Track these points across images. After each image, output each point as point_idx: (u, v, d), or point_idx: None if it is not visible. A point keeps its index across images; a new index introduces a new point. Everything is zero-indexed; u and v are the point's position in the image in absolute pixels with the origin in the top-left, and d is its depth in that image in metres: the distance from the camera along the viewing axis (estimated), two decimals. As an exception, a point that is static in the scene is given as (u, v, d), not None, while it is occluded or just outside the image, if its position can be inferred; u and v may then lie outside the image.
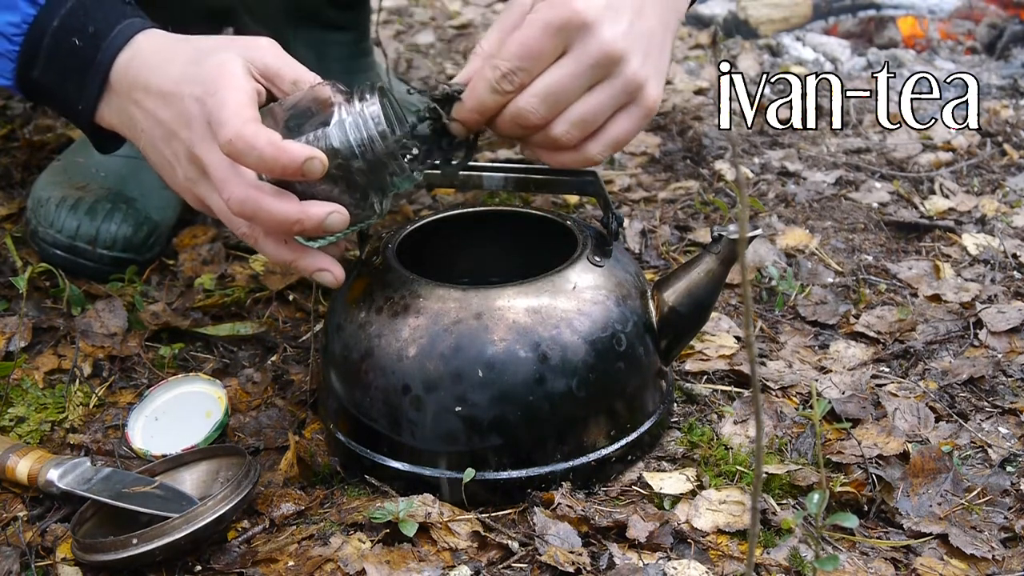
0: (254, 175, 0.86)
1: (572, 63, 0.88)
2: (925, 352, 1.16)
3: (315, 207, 0.85)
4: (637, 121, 0.93)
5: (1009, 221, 1.44)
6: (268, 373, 1.14)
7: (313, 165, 0.82)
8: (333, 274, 0.91)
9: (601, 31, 0.87)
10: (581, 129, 0.91)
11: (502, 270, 1.11)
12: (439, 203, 1.51)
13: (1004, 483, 0.96)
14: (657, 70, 0.92)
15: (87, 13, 0.94)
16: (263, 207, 0.84)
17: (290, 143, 0.82)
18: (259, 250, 0.91)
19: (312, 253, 0.90)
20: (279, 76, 0.90)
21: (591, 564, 0.87)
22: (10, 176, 1.50)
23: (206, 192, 0.90)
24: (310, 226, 0.85)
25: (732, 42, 2.24)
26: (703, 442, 1.01)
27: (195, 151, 0.87)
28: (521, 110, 0.89)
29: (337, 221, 0.85)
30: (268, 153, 0.81)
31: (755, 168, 1.62)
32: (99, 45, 0.93)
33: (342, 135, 0.85)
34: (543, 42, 0.87)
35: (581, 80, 0.89)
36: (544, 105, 0.89)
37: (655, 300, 0.99)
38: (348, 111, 0.86)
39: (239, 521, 0.93)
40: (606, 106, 0.91)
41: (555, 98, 0.89)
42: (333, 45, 1.58)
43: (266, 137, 0.82)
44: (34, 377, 1.12)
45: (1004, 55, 2.15)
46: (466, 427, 0.90)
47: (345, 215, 0.86)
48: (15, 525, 0.93)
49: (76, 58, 0.94)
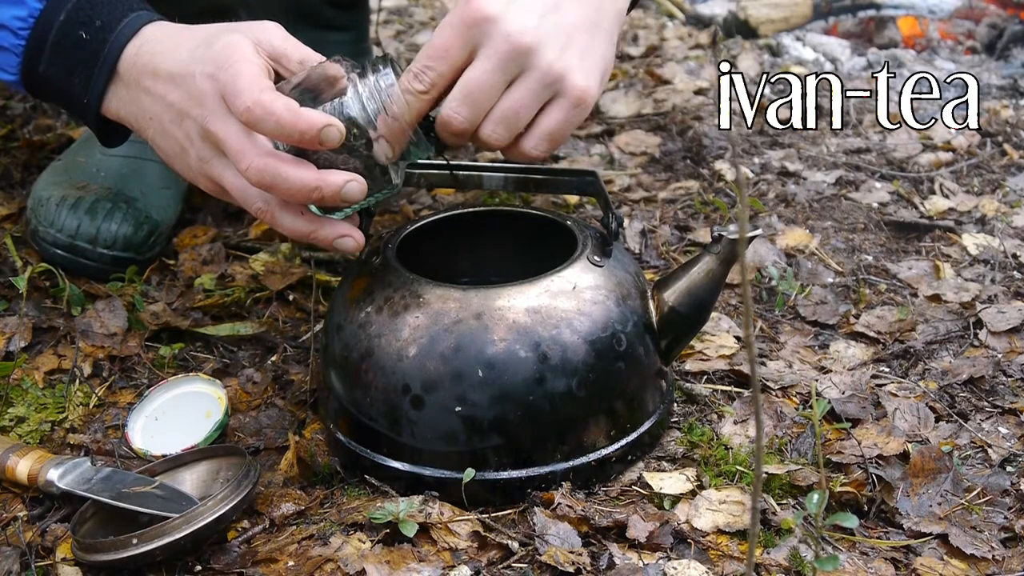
0: (270, 145, 0.86)
1: (483, 60, 0.88)
2: (925, 352, 1.16)
3: (333, 175, 0.85)
4: (567, 112, 0.92)
5: (1009, 221, 1.44)
6: (268, 373, 1.14)
7: (331, 132, 0.82)
8: (354, 239, 0.91)
9: (506, 24, 0.87)
10: (507, 127, 0.91)
11: (502, 270, 1.11)
12: (439, 203, 1.51)
13: (1004, 483, 0.96)
14: (581, 62, 0.91)
15: (94, 7, 0.94)
16: (281, 174, 0.84)
17: (308, 110, 0.83)
18: (275, 225, 0.90)
19: (330, 222, 0.90)
20: (286, 56, 0.90)
21: (591, 564, 0.87)
22: (10, 176, 1.50)
23: (220, 169, 0.90)
24: (328, 193, 0.85)
25: (732, 42, 2.24)
26: (703, 442, 1.01)
27: (209, 127, 0.87)
28: (446, 117, 0.90)
29: (355, 190, 0.86)
30: (286, 119, 0.82)
31: (755, 168, 1.62)
32: (106, 38, 0.93)
33: (358, 105, 0.86)
34: (449, 39, 0.88)
35: (495, 77, 0.89)
36: (465, 107, 0.90)
37: (655, 300, 0.99)
38: (363, 83, 0.87)
39: (239, 521, 0.93)
40: (527, 100, 0.90)
41: (473, 98, 0.89)
42: (332, 45, 1.58)
43: (284, 103, 0.82)
44: (34, 377, 1.12)
45: (1004, 55, 2.15)
46: (466, 427, 0.90)
47: (363, 184, 0.86)
48: (15, 525, 0.93)
49: (83, 51, 0.94)
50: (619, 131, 1.75)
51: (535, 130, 0.93)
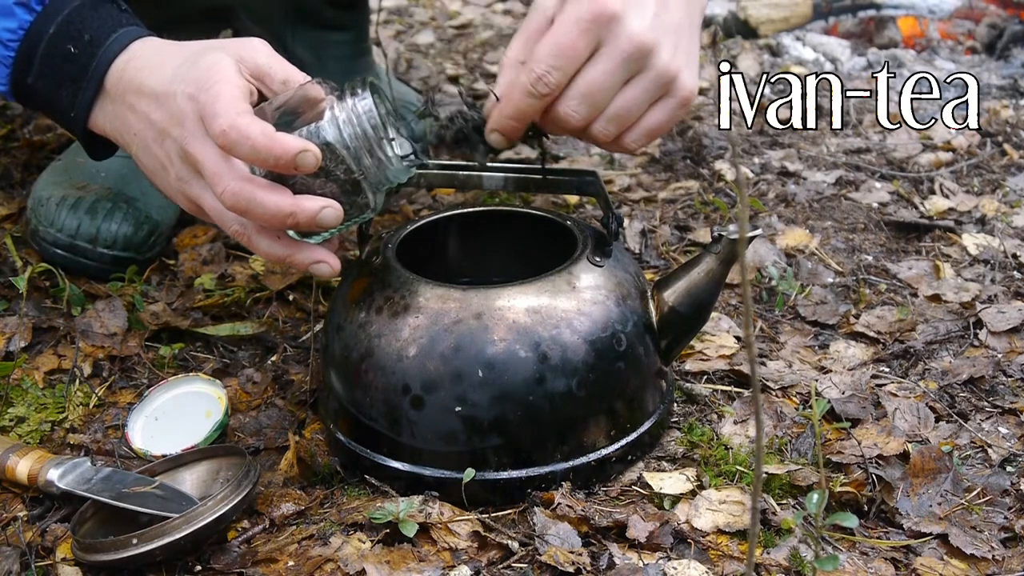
0: (247, 169, 0.86)
1: (606, 60, 0.89)
2: (925, 352, 1.16)
3: (309, 201, 0.85)
4: (672, 112, 0.94)
5: (1009, 221, 1.44)
6: (268, 373, 1.14)
7: (306, 158, 0.82)
8: (330, 265, 0.91)
9: (630, 23, 0.88)
10: (618, 124, 0.93)
11: (502, 270, 1.11)
12: (439, 203, 1.51)
13: (1004, 483, 0.96)
14: (688, 61, 0.93)
15: (83, 21, 0.94)
16: (256, 199, 0.84)
17: (284, 135, 0.83)
18: (252, 248, 0.91)
19: (307, 247, 0.90)
20: (269, 76, 0.90)
21: (591, 564, 0.87)
22: (10, 176, 1.50)
23: (199, 191, 0.90)
24: (303, 219, 0.85)
25: (732, 42, 2.24)
26: (703, 442, 1.01)
27: (188, 148, 0.87)
28: (563, 114, 0.91)
29: (331, 216, 0.85)
30: (261, 143, 0.81)
31: (755, 168, 1.62)
32: (95, 52, 0.93)
33: (335, 130, 0.85)
34: (576, 39, 0.88)
35: (616, 77, 0.90)
36: (584, 107, 0.91)
37: (655, 300, 0.99)
38: (340, 107, 0.86)
39: (239, 521, 0.93)
40: (642, 100, 0.92)
41: (593, 98, 0.90)
42: (332, 45, 1.58)
43: (260, 128, 0.82)
44: (34, 377, 1.12)
45: (1004, 55, 2.15)
46: (466, 427, 0.90)
47: (339, 210, 0.86)
48: (15, 525, 0.93)
49: (71, 65, 0.94)
50: (619, 131, 1.75)
51: (640, 126, 0.94)
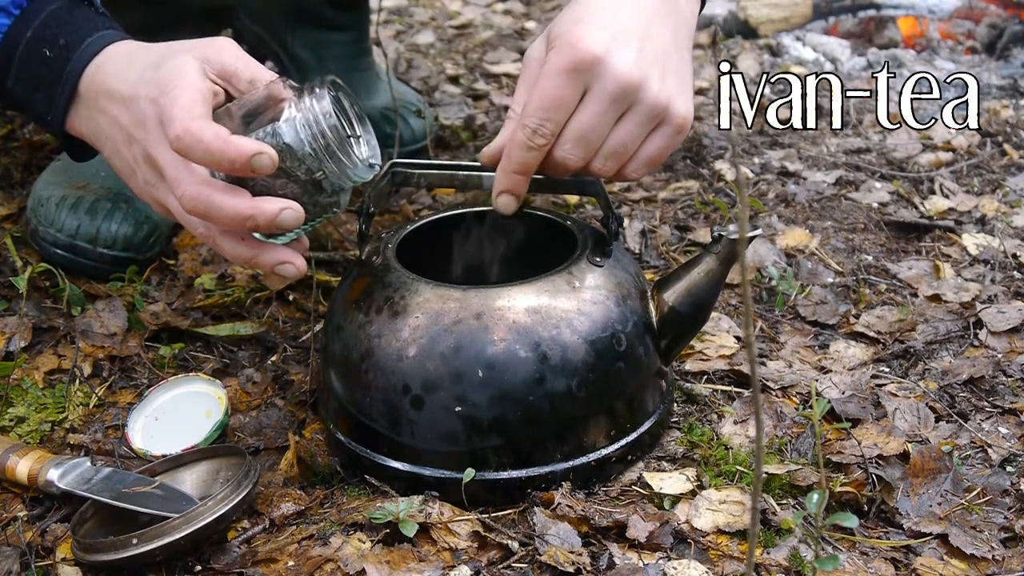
0: (207, 173, 0.86)
1: (594, 103, 0.90)
2: (925, 352, 1.16)
3: (268, 203, 0.85)
4: (668, 139, 0.95)
5: (1009, 221, 1.44)
6: (268, 373, 1.14)
7: (262, 160, 0.82)
8: (295, 266, 0.90)
9: (614, 63, 0.88)
10: (617, 160, 0.94)
11: (502, 270, 1.11)
12: (439, 203, 1.51)
13: (1004, 483, 0.96)
14: (679, 87, 0.94)
15: (59, 25, 0.94)
16: (215, 203, 0.84)
17: (238, 138, 0.82)
18: (217, 250, 0.90)
19: (271, 248, 0.90)
20: (236, 75, 0.90)
21: (591, 564, 0.87)
22: (10, 176, 1.50)
23: (163, 194, 0.90)
24: (263, 222, 0.85)
25: (732, 42, 2.24)
26: (703, 442, 1.01)
27: (150, 152, 0.88)
28: (560, 159, 0.92)
29: (291, 217, 0.85)
30: (215, 147, 0.81)
31: (755, 168, 1.62)
32: (69, 57, 0.93)
33: (292, 131, 0.85)
34: (562, 89, 0.89)
35: (607, 117, 0.91)
36: (579, 149, 0.92)
37: (655, 300, 0.99)
38: (299, 107, 0.86)
39: (239, 521, 0.93)
40: (636, 134, 0.93)
41: (587, 140, 0.91)
42: (332, 45, 1.58)
43: (213, 132, 0.82)
44: (34, 377, 1.12)
45: (1004, 55, 2.15)
46: (466, 427, 0.90)
47: (299, 211, 0.86)
48: (15, 525, 0.93)
49: (47, 69, 0.94)
50: (619, 131, 1.75)
51: (638, 157, 0.95)
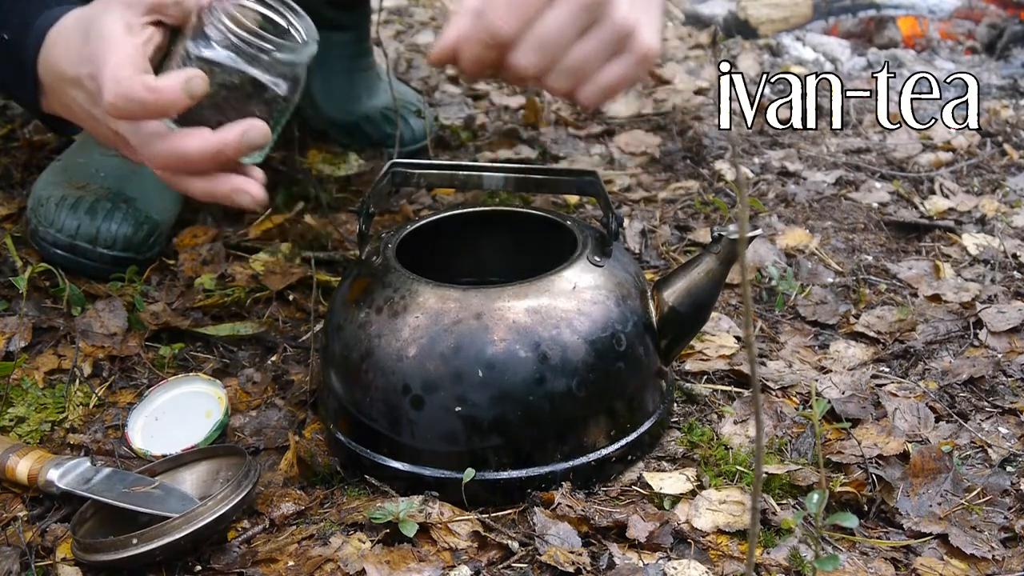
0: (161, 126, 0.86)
1: (559, 9, 0.87)
2: (925, 352, 1.16)
3: (229, 132, 0.84)
4: (629, 68, 0.92)
5: (1009, 221, 1.44)
6: (268, 373, 1.14)
7: (192, 85, 0.82)
8: (250, 194, 0.89)
9: None
10: (574, 78, 0.91)
11: (502, 270, 1.11)
12: (439, 203, 1.51)
13: (1004, 483, 0.96)
14: (648, 18, 0.91)
15: (11, 9, 0.94)
16: (182, 154, 0.84)
17: (163, 78, 0.82)
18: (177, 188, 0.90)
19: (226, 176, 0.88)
20: (163, 4, 0.88)
21: (591, 564, 0.87)
22: (10, 176, 1.50)
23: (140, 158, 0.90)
24: (232, 150, 0.84)
25: (732, 42, 2.24)
26: (703, 442, 1.01)
27: (110, 126, 0.88)
28: (519, 66, 0.89)
29: (255, 134, 0.85)
30: (148, 99, 0.81)
31: (755, 168, 1.62)
32: (23, 41, 0.93)
33: (204, 44, 0.85)
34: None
35: (573, 26, 0.88)
36: (538, 58, 0.89)
37: (655, 300, 0.99)
38: (209, 20, 0.85)
39: (239, 521, 0.93)
40: (598, 52, 0.90)
41: (549, 49, 0.89)
42: (333, 45, 1.58)
43: (140, 84, 0.81)
44: (34, 377, 1.12)
45: (1004, 55, 2.15)
46: (466, 427, 0.90)
47: (260, 126, 0.85)
48: (15, 525, 0.93)
49: (8, 56, 0.95)
50: (619, 131, 1.75)
51: (596, 80, 0.92)
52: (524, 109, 1.83)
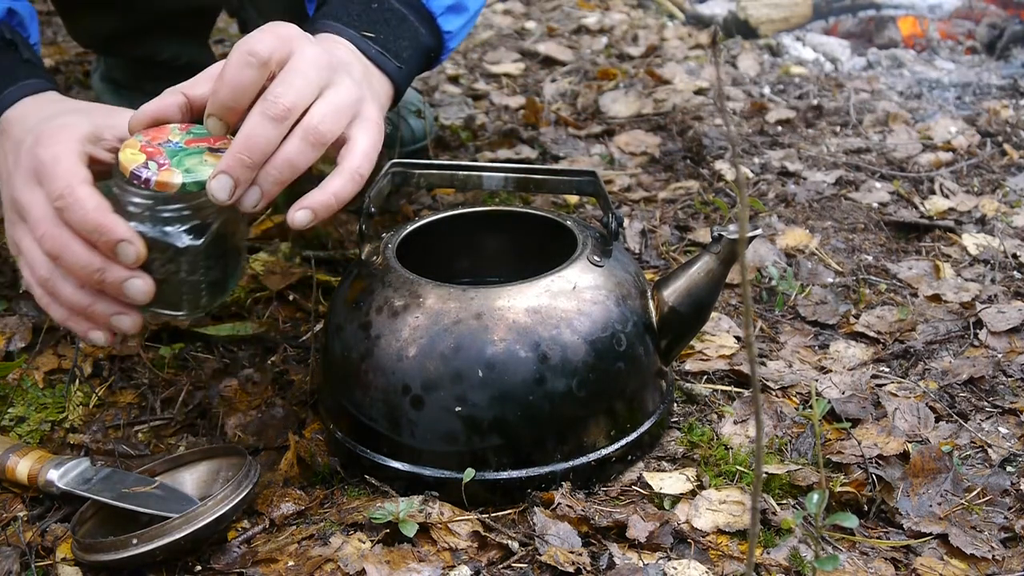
0: None
1: None
2: (925, 352, 1.16)
3: (120, 269, 0.83)
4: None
5: (1009, 221, 1.44)
6: (268, 373, 1.14)
7: (125, 249, 0.82)
8: (130, 318, 0.88)
9: None
10: None
11: (502, 270, 1.11)
12: (439, 203, 1.51)
13: (1004, 483, 0.96)
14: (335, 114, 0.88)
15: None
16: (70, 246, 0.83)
17: (117, 220, 0.82)
18: (52, 297, 0.89)
19: (109, 300, 0.87)
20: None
21: (591, 564, 0.87)
22: (10, 176, 1.50)
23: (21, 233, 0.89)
24: (110, 280, 0.83)
25: (732, 42, 2.24)
26: (703, 442, 1.01)
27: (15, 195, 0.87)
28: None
29: (138, 288, 0.84)
30: (91, 219, 0.81)
31: (755, 168, 1.62)
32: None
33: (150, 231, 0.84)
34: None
35: None
36: None
37: (655, 300, 0.99)
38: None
39: (239, 521, 0.93)
40: None
41: None
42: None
43: (96, 202, 0.82)
44: (34, 377, 1.12)
45: (1004, 55, 2.15)
46: (466, 427, 0.90)
47: (149, 285, 0.84)
48: (15, 525, 0.93)
49: None
50: (619, 131, 1.75)
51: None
52: (524, 109, 1.84)
